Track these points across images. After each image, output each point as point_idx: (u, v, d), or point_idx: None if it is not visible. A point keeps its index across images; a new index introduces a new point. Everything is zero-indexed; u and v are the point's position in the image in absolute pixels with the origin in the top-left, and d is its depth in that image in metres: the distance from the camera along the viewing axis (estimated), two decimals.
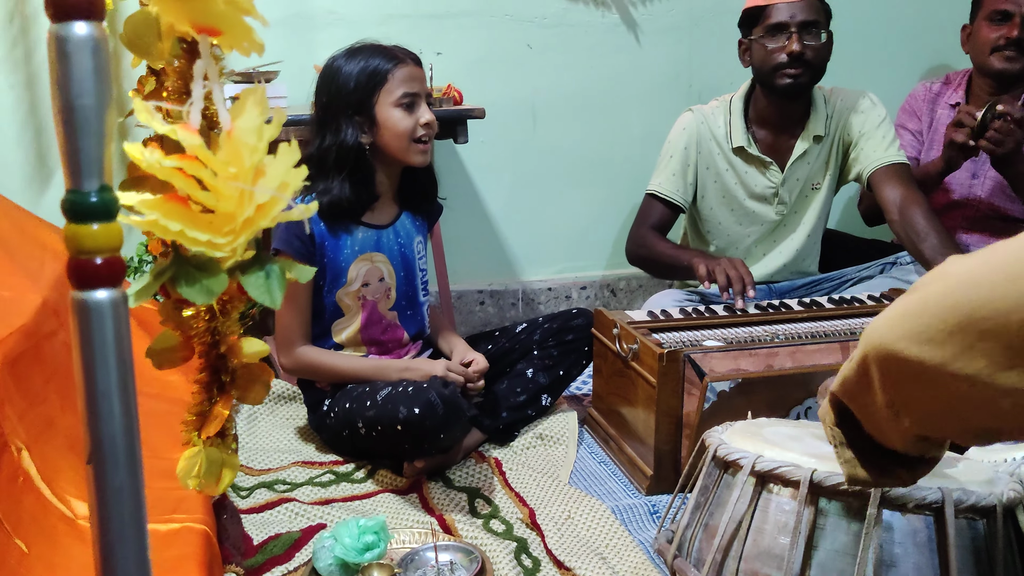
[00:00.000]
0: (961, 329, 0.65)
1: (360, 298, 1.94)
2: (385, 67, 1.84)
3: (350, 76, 1.84)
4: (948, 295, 0.66)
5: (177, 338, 0.78)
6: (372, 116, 1.85)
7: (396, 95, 1.84)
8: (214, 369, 0.78)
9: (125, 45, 0.71)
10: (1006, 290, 0.62)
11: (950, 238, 2.12)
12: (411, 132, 1.86)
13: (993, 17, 2.42)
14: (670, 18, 2.78)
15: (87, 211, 0.57)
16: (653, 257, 2.30)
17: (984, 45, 2.45)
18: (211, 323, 0.76)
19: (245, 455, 1.93)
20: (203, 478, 0.79)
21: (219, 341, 0.76)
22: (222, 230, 0.61)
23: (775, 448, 1.18)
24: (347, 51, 1.89)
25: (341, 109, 1.84)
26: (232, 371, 0.78)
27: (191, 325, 0.77)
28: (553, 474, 1.86)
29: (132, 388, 0.61)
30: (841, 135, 2.32)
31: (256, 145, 0.61)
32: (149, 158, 0.59)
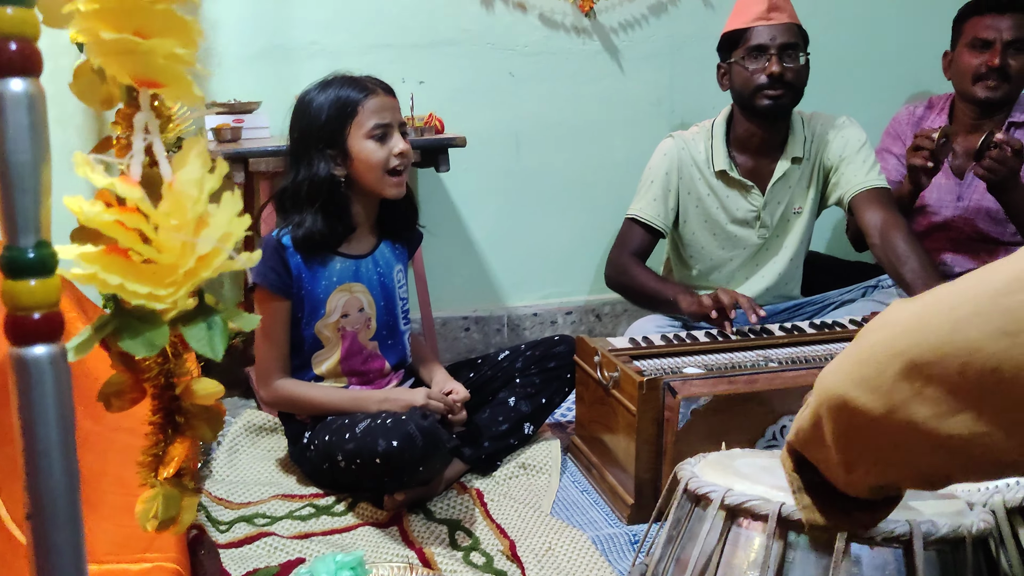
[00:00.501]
0: (907, 376, 0.65)
1: (340, 329, 1.94)
2: (355, 98, 1.84)
3: (321, 108, 1.84)
4: (893, 342, 0.66)
5: (128, 380, 0.78)
6: (344, 149, 1.85)
7: (367, 127, 1.84)
8: (168, 411, 0.78)
9: (74, 93, 0.71)
10: (949, 336, 0.62)
11: (931, 262, 2.12)
12: (384, 163, 1.85)
13: (975, 44, 2.42)
14: (651, 45, 2.80)
15: (24, 267, 0.57)
16: (634, 286, 2.30)
17: (966, 72, 2.45)
18: (164, 366, 0.76)
19: (225, 488, 1.92)
20: (162, 519, 0.78)
21: (173, 383, 0.75)
22: (164, 282, 0.61)
23: (745, 481, 1.18)
24: (319, 83, 1.89)
25: (313, 142, 1.85)
26: (186, 412, 0.77)
27: (143, 368, 0.77)
28: (535, 504, 1.86)
29: (73, 445, 0.61)
30: (821, 160, 2.33)
31: (198, 196, 0.61)
32: (88, 211, 0.59)
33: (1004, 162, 2.20)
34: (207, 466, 2.02)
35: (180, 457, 0.70)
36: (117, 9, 0.56)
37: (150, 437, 0.78)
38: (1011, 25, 2.38)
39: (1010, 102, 2.47)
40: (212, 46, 2.46)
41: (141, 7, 0.56)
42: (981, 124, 2.49)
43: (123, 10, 0.56)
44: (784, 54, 2.18)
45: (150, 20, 0.57)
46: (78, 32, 0.58)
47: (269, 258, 1.87)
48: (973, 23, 2.44)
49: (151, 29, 0.57)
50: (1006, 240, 2.50)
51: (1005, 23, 2.38)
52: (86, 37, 0.58)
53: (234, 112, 2.33)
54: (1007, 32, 2.37)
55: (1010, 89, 2.42)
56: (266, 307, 1.89)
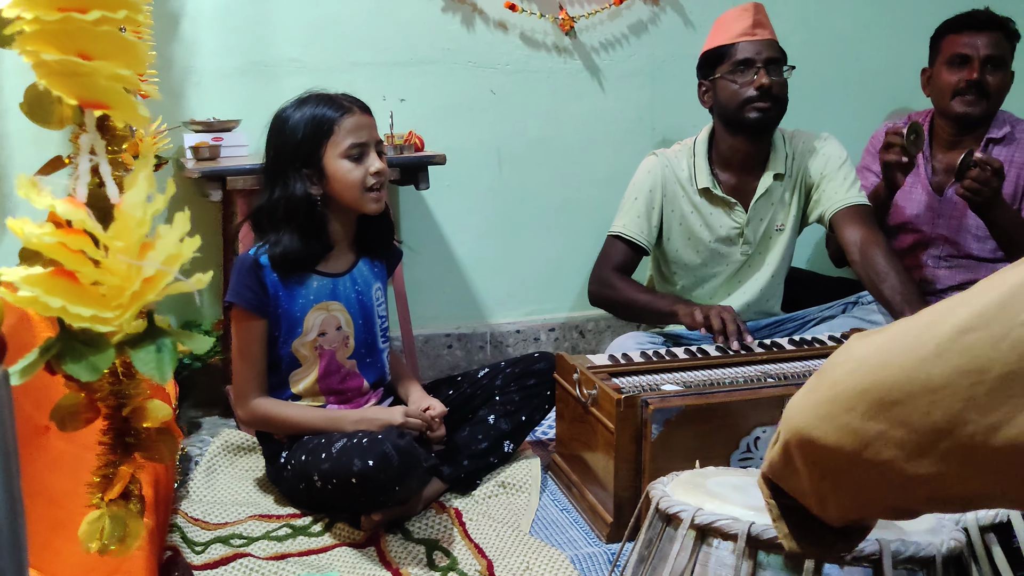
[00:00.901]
0: (871, 415, 0.64)
1: (317, 348, 1.92)
2: (331, 117, 1.83)
3: (297, 127, 1.84)
4: (857, 379, 0.66)
5: (81, 399, 0.77)
6: (320, 168, 1.84)
7: (343, 146, 1.84)
8: (118, 432, 0.77)
9: (24, 113, 0.70)
10: (912, 375, 0.62)
11: (910, 278, 2.13)
12: (361, 183, 1.85)
13: (952, 61, 2.44)
14: (632, 63, 2.81)
15: None
16: (621, 300, 2.30)
17: (945, 89, 2.47)
18: (115, 386, 0.75)
19: (202, 509, 1.90)
20: (106, 541, 0.77)
21: (123, 404, 0.75)
22: (110, 304, 0.61)
23: (716, 500, 1.17)
24: (295, 101, 1.88)
25: (288, 161, 1.84)
26: (136, 433, 0.77)
27: (94, 388, 0.76)
28: (514, 523, 1.84)
29: (16, 470, 0.60)
30: (803, 177, 2.34)
31: (143, 218, 0.61)
32: (30, 232, 0.59)
33: (985, 182, 2.21)
34: (183, 486, 2.01)
35: (126, 479, 0.69)
36: (60, 31, 0.56)
37: (100, 457, 0.77)
38: (988, 42, 2.40)
39: (988, 118, 2.49)
40: (191, 64, 2.46)
41: (84, 29, 0.56)
42: (960, 140, 2.50)
43: (66, 32, 0.56)
44: (770, 67, 2.20)
45: (94, 42, 0.57)
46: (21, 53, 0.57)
47: (245, 276, 1.86)
48: (950, 40, 2.46)
49: (95, 51, 0.57)
50: (987, 256, 2.51)
51: (982, 40, 2.41)
52: (30, 58, 0.58)
53: (213, 130, 2.33)
54: (984, 48, 2.40)
55: (988, 105, 2.44)
56: (242, 326, 1.88)
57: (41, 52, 0.57)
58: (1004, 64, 2.43)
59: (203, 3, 2.44)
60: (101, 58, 0.58)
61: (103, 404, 0.75)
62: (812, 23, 2.89)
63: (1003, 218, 2.30)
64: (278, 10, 2.51)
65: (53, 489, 1.44)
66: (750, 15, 2.24)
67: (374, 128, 1.90)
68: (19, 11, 0.59)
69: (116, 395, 0.74)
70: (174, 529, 1.81)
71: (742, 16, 2.25)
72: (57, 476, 1.48)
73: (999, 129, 2.50)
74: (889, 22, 2.97)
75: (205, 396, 2.58)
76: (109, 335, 0.62)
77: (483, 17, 2.67)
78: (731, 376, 1.89)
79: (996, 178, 2.21)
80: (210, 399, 2.58)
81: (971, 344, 0.60)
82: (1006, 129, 2.50)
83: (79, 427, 0.74)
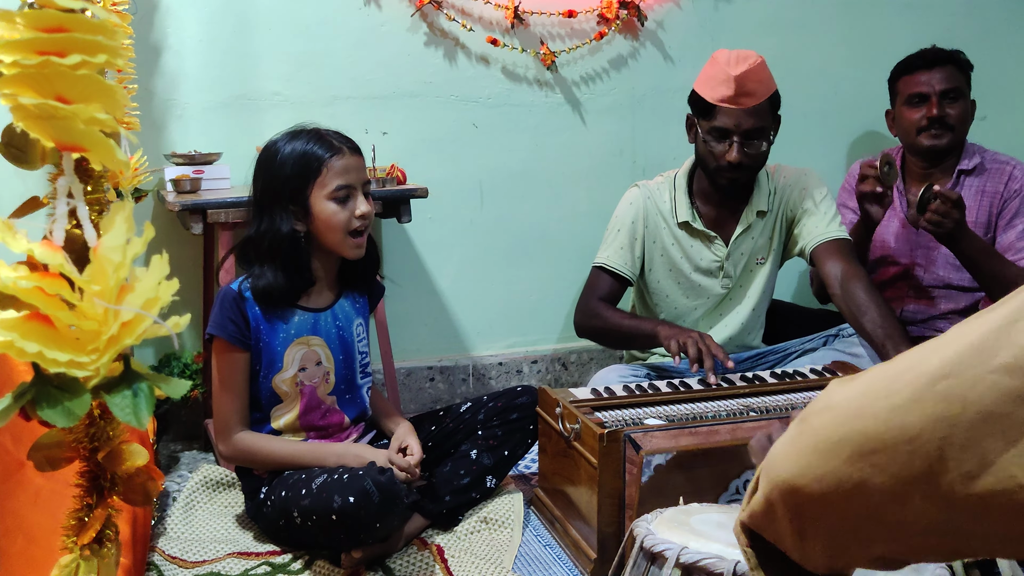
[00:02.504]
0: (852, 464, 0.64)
1: (298, 384, 1.91)
2: (320, 156, 1.82)
3: (285, 162, 1.83)
4: (836, 428, 0.66)
5: (63, 437, 0.76)
6: (306, 206, 1.84)
7: (330, 188, 1.82)
8: (92, 475, 0.75)
9: (1, 153, 0.70)
10: (889, 421, 0.62)
11: (891, 311, 2.14)
12: (346, 225, 1.84)
13: (911, 100, 2.53)
14: (612, 97, 2.83)
15: None
16: (607, 328, 2.30)
17: (910, 127, 2.54)
18: (89, 429, 0.74)
19: (180, 546, 1.87)
20: None
21: (97, 447, 0.73)
22: (86, 349, 0.60)
23: (701, 539, 1.17)
24: (287, 134, 1.87)
25: (276, 196, 1.83)
26: (112, 476, 0.75)
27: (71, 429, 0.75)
28: (497, 560, 1.83)
29: None
30: (784, 211, 2.36)
31: (121, 262, 0.60)
32: (5, 277, 0.58)
33: (945, 215, 2.25)
34: (161, 523, 1.98)
35: (99, 522, 0.67)
36: (38, 74, 0.55)
37: (76, 500, 0.76)
38: (941, 77, 2.50)
39: (956, 148, 2.55)
40: (173, 97, 2.46)
41: (62, 72, 0.55)
42: (931, 173, 2.55)
43: (44, 75, 0.55)
44: (747, 140, 2.19)
45: (72, 85, 0.56)
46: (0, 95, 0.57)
47: (228, 309, 1.85)
48: (906, 81, 2.56)
49: (73, 94, 0.57)
50: (967, 286, 2.53)
51: (936, 76, 2.50)
52: (7, 101, 0.57)
53: (194, 163, 2.32)
54: (939, 84, 2.49)
55: (953, 136, 2.51)
56: (224, 358, 1.87)
57: (19, 95, 0.57)
58: (961, 95, 2.52)
59: (186, 35, 2.45)
60: (79, 101, 0.58)
61: (78, 446, 0.74)
62: (791, 57, 2.92)
63: (970, 247, 2.33)
64: (261, 43, 2.51)
65: (31, 526, 1.42)
66: (734, 84, 2.14)
67: (363, 169, 1.89)
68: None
69: (91, 438, 0.73)
70: (151, 567, 1.79)
71: (728, 82, 2.14)
72: (35, 513, 1.46)
73: (969, 160, 2.56)
74: (865, 55, 3.01)
75: (185, 430, 2.56)
76: (85, 380, 0.61)
77: (465, 51, 2.69)
78: (713, 410, 1.89)
79: (956, 210, 2.26)
80: (190, 433, 2.55)
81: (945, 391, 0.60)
82: (976, 160, 2.56)
83: (59, 467, 0.73)
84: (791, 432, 0.72)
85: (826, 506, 0.67)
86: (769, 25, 2.92)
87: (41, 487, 1.64)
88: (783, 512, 0.72)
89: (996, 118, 3.19)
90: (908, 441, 0.61)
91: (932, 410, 0.60)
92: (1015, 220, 2.50)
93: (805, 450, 0.68)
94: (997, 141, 3.04)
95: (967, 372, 0.59)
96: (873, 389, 0.65)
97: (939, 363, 0.61)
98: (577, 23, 2.76)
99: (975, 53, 3.11)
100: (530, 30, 2.72)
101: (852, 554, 0.71)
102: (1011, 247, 2.48)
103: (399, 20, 2.62)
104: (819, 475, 0.67)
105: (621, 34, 2.80)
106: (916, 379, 0.61)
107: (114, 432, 0.75)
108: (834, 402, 0.68)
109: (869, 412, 0.64)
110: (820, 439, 0.67)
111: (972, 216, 2.51)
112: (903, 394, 0.62)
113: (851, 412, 0.65)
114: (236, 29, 2.49)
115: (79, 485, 0.77)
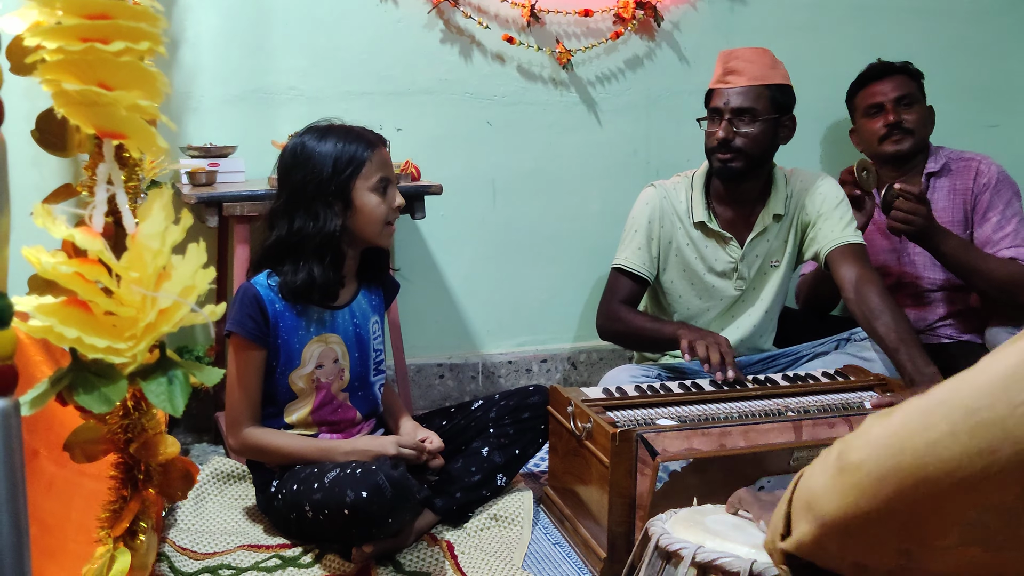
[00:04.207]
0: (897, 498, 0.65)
1: (314, 380, 1.91)
2: (363, 153, 1.84)
3: (326, 159, 1.83)
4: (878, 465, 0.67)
5: (101, 430, 0.76)
6: (349, 200, 1.84)
7: (373, 180, 1.85)
8: (127, 467, 0.76)
9: (36, 141, 0.70)
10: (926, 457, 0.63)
11: (904, 316, 2.14)
12: (385, 216, 1.87)
13: (869, 112, 2.63)
14: (628, 97, 2.83)
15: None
16: (630, 331, 2.30)
17: (871, 137, 2.62)
18: (123, 420, 0.74)
19: (190, 538, 1.88)
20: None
21: (131, 439, 0.74)
22: (123, 335, 0.60)
23: (717, 538, 1.16)
24: (316, 132, 1.87)
25: (318, 194, 1.83)
26: (146, 468, 0.75)
27: (106, 420, 0.75)
28: (506, 557, 1.83)
29: (23, 500, 0.59)
30: (799, 215, 2.35)
31: (160, 249, 0.60)
32: (46, 262, 0.58)
33: (912, 211, 2.27)
34: (171, 514, 1.98)
35: (132, 514, 0.68)
36: (81, 61, 0.55)
37: (111, 492, 0.76)
38: (893, 86, 2.59)
39: (919, 151, 2.61)
40: (190, 90, 2.46)
41: (105, 59, 0.55)
42: (907, 179, 2.57)
43: (87, 62, 0.56)
44: (737, 118, 2.21)
45: (114, 72, 0.56)
46: (42, 82, 0.57)
47: (247, 306, 1.85)
48: (861, 96, 2.66)
49: (115, 81, 0.57)
50: (961, 284, 2.53)
51: (887, 86, 2.60)
52: (50, 87, 0.57)
53: (210, 156, 2.32)
54: (892, 92, 2.59)
55: (914, 140, 2.57)
56: (241, 355, 1.87)
57: (62, 81, 0.57)
58: (916, 100, 2.60)
59: (202, 29, 2.45)
60: (121, 88, 0.58)
61: (114, 438, 0.74)
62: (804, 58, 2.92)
63: (945, 244, 2.34)
64: (277, 38, 2.52)
65: (44, 514, 1.42)
66: (722, 63, 2.26)
67: (392, 164, 1.93)
68: (40, 40, 0.58)
69: (125, 429, 0.73)
70: (162, 559, 1.79)
71: (720, 62, 2.27)
72: (49, 501, 1.46)
73: (936, 162, 2.62)
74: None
75: (195, 423, 2.56)
76: (121, 366, 0.61)
77: (481, 49, 2.69)
78: (725, 411, 1.88)
79: (921, 204, 2.28)
80: (200, 426, 2.56)
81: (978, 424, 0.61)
82: (942, 161, 2.62)
83: (96, 458, 0.73)
84: (830, 469, 0.73)
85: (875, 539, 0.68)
86: (783, 28, 2.92)
87: (55, 476, 1.64)
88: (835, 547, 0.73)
89: (1007, 125, 3.19)
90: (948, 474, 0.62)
91: (968, 444, 0.61)
92: (988, 213, 2.54)
93: (848, 488, 0.69)
94: (1008, 148, 3.05)
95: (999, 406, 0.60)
96: (910, 425, 0.66)
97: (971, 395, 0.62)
98: (593, 22, 2.76)
99: (986, 60, 3.13)
100: (546, 29, 2.72)
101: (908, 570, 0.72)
102: (988, 240, 2.52)
103: (415, 17, 2.62)
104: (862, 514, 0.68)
105: (637, 34, 2.80)
106: (951, 413, 0.63)
107: (148, 423, 0.75)
108: (873, 438, 0.69)
109: (909, 448, 0.65)
110: (862, 476, 0.68)
111: (948, 216, 2.55)
112: (939, 428, 0.63)
113: (892, 449, 0.66)
114: (253, 23, 2.49)
115: (114, 477, 0.77)
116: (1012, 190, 2.55)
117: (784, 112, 2.26)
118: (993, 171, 2.56)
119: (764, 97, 2.22)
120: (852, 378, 2.11)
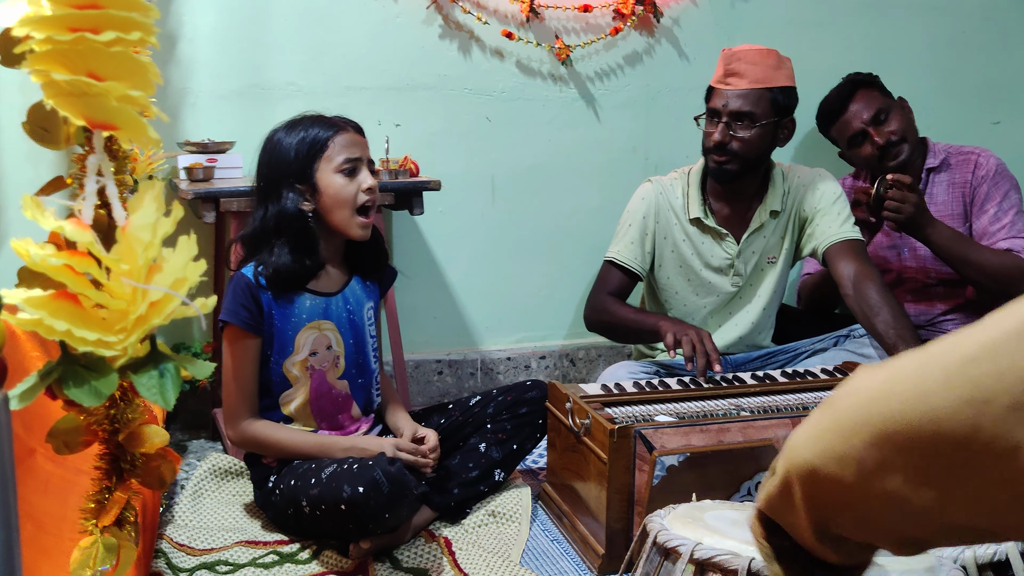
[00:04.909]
0: (875, 445, 0.63)
1: (308, 368, 1.91)
2: (325, 135, 1.85)
3: (290, 147, 1.84)
4: (860, 410, 0.65)
5: (81, 421, 0.75)
6: (313, 184, 1.85)
7: (337, 161, 1.84)
8: (113, 457, 0.75)
9: (27, 133, 0.70)
10: (916, 405, 0.61)
11: (903, 312, 2.13)
12: (353, 199, 1.85)
13: (854, 142, 2.59)
14: (627, 93, 2.82)
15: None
16: (615, 322, 2.30)
17: (868, 163, 2.60)
18: (110, 411, 0.73)
19: (187, 534, 1.87)
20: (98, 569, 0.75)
21: (118, 429, 0.73)
22: (113, 328, 0.59)
23: (715, 535, 1.16)
24: (286, 124, 1.90)
25: (281, 178, 1.84)
26: (132, 458, 0.75)
27: (91, 412, 0.75)
28: (504, 554, 1.82)
29: (13, 496, 0.58)
30: (797, 211, 2.35)
31: (151, 241, 0.60)
32: (35, 254, 0.58)
33: (903, 199, 2.27)
34: (169, 510, 1.98)
35: (120, 505, 0.67)
36: (71, 51, 0.55)
37: (95, 483, 0.75)
38: (860, 107, 2.56)
39: (919, 150, 2.60)
40: (187, 85, 2.46)
41: (95, 49, 0.55)
42: None
43: (77, 52, 0.55)
44: (734, 121, 2.20)
45: (105, 62, 0.56)
46: (31, 72, 0.56)
47: (240, 295, 1.85)
48: (837, 129, 2.63)
49: (105, 71, 0.56)
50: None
51: (855, 110, 2.57)
52: (39, 78, 0.57)
53: (207, 151, 2.32)
54: (864, 113, 2.56)
55: (908, 145, 2.55)
56: (236, 346, 1.87)
57: (51, 72, 0.56)
58: (888, 107, 2.56)
59: (200, 24, 2.44)
60: (112, 79, 0.57)
61: (99, 429, 0.74)
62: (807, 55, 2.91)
63: (937, 234, 2.34)
64: (275, 33, 2.51)
65: (40, 513, 1.41)
66: (723, 64, 2.24)
67: (366, 147, 1.91)
68: (29, 31, 0.58)
69: (112, 420, 0.72)
70: (159, 555, 1.78)
71: (721, 62, 2.24)
72: (45, 500, 1.45)
73: (934, 157, 2.61)
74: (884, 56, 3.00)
75: (192, 419, 2.56)
76: (111, 359, 0.60)
77: (480, 44, 2.68)
78: (724, 408, 1.88)
79: (912, 192, 2.27)
80: (197, 422, 2.55)
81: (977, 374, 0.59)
82: (941, 156, 2.61)
83: (78, 450, 0.73)
84: (814, 414, 0.71)
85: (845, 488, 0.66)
86: (785, 24, 2.91)
87: (51, 474, 1.64)
88: (800, 496, 0.71)
89: (1010, 122, 3.18)
90: (935, 422, 0.60)
91: (961, 392, 0.59)
92: (986, 205, 2.53)
93: (826, 431, 0.67)
94: (1012, 145, 3.04)
95: (1002, 358, 0.58)
96: (902, 373, 0.64)
97: (974, 347, 0.60)
98: (592, 18, 2.75)
99: (990, 57, 3.12)
100: (545, 24, 2.71)
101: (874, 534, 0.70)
102: (985, 232, 2.51)
103: (414, 12, 2.61)
104: (839, 456, 0.66)
105: (637, 30, 2.79)
106: (949, 363, 0.61)
107: (134, 414, 0.75)
108: (861, 385, 0.67)
109: (895, 394, 0.63)
110: (842, 420, 0.66)
111: (947, 209, 2.55)
112: (933, 377, 0.61)
113: (876, 394, 0.64)
114: (251, 18, 2.49)
115: (98, 468, 0.76)
116: (1010, 183, 2.54)
117: (785, 114, 2.25)
118: (992, 163, 2.55)
119: (764, 100, 2.21)
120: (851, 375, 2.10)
